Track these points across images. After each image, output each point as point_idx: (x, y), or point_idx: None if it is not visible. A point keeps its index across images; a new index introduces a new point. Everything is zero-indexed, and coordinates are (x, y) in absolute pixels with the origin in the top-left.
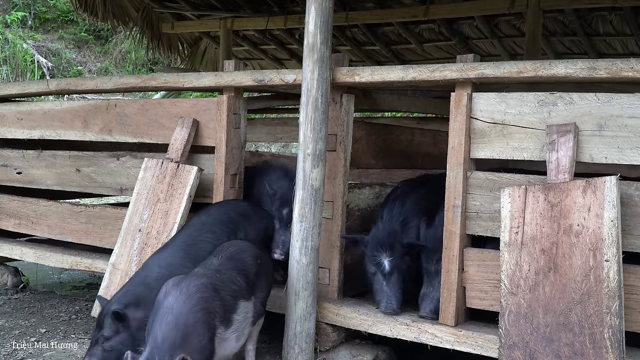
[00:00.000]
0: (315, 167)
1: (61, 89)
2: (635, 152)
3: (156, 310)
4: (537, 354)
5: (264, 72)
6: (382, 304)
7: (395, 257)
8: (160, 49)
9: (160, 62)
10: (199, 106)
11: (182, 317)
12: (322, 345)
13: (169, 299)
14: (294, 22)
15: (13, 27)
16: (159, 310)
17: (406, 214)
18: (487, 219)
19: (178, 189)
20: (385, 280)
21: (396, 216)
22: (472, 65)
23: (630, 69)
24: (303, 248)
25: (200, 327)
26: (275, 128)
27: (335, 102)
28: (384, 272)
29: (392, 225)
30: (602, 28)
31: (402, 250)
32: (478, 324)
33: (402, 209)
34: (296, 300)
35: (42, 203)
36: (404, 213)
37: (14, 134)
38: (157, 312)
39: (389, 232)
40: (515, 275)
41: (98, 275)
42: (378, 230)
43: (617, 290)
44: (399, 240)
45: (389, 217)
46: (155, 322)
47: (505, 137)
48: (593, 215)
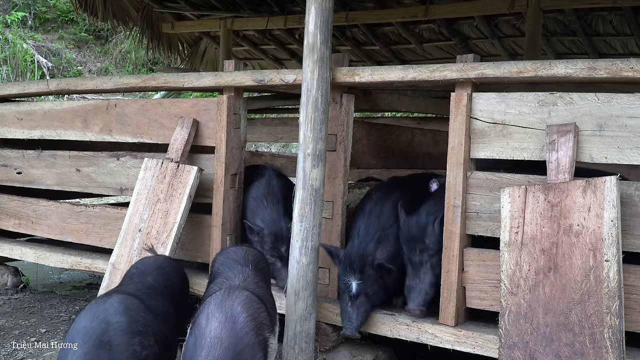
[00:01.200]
0: (315, 167)
1: (61, 89)
2: (635, 152)
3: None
4: (537, 354)
5: (264, 72)
6: (343, 324)
7: (365, 280)
8: (160, 49)
9: (160, 62)
10: (199, 106)
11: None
12: (322, 345)
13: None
14: (294, 22)
15: (13, 27)
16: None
17: (383, 226)
18: (487, 219)
19: (178, 189)
20: (350, 301)
21: (372, 233)
22: (472, 65)
23: (630, 69)
24: (303, 248)
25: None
26: (275, 128)
27: (335, 102)
28: (351, 294)
29: (366, 246)
30: (602, 28)
31: (374, 274)
32: (478, 324)
33: (378, 222)
34: (296, 300)
35: (42, 203)
36: (380, 228)
37: (14, 134)
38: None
39: (361, 254)
40: (515, 275)
41: (98, 275)
42: (352, 250)
43: (617, 290)
44: (371, 263)
45: (364, 234)
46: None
47: (505, 137)
48: (593, 215)
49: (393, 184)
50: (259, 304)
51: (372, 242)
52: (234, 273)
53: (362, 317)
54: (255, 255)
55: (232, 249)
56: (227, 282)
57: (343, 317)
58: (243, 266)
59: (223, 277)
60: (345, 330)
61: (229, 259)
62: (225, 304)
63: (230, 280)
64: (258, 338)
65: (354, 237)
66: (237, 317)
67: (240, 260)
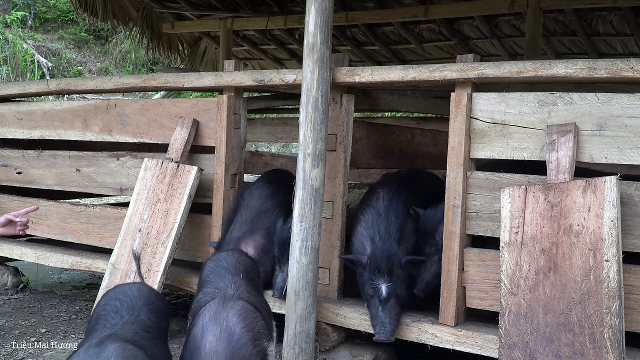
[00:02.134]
0: (315, 167)
1: (61, 89)
2: (635, 152)
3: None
4: (537, 354)
5: (264, 72)
6: (375, 330)
7: (394, 282)
8: (160, 49)
9: (160, 62)
10: (199, 106)
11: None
12: (322, 345)
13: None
14: (294, 22)
15: (13, 27)
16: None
17: (402, 224)
18: (487, 219)
19: (178, 189)
20: (381, 305)
21: (394, 233)
22: (472, 65)
23: (630, 69)
24: (303, 248)
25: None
26: (275, 128)
27: (335, 102)
28: (381, 298)
29: (391, 246)
30: (602, 28)
31: (402, 273)
32: (478, 324)
33: (397, 221)
34: (296, 300)
35: (42, 203)
36: (400, 226)
37: (14, 134)
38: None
39: (387, 255)
40: (515, 275)
41: (98, 275)
42: (376, 251)
43: (617, 290)
44: (398, 262)
45: (386, 234)
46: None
47: (505, 137)
48: (593, 215)
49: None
50: (255, 313)
51: (394, 242)
52: (225, 283)
53: (395, 321)
54: (246, 264)
55: (222, 256)
56: (219, 292)
57: (375, 323)
58: (234, 275)
59: (213, 286)
60: (379, 335)
61: (220, 267)
62: (220, 315)
63: (222, 291)
64: (256, 349)
65: (374, 238)
66: (233, 329)
67: (230, 268)
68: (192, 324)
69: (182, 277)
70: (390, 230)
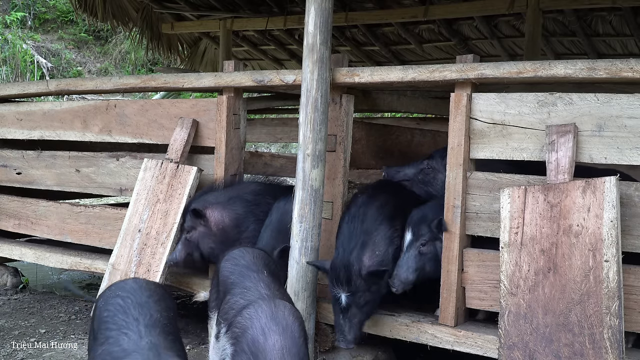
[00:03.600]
0: (315, 168)
1: (61, 89)
2: (634, 153)
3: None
4: (536, 354)
5: (263, 73)
6: (337, 337)
7: (354, 291)
8: (160, 50)
9: (160, 63)
10: (199, 107)
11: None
12: (321, 345)
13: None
14: (294, 23)
15: (13, 28)
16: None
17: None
18: (486, 220)
19: (178, 190)
20: (342, 313)
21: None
22: (472, 65)
23: (629, 70)
24: (303, 248)
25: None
26: (275, 128)
27: (334, 102)
28: (341, 307)
29: (350, 255)
30: (602, 28)
31: (363, 284)
32: (477, 324)
33: (362, 229)
34: (296, 301)
35: (41, 203)
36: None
37: (13, 134)
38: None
39: (345, 265)
40: (514, 275)
41: (98, 276)
42: (336, 261)
43: (617, 291)
44: (358, 272)
45: (348, 243)
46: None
47: (504, 137)
48: (592, 215)
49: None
50: (297, 311)
51: (357, 250)
52: (252, 281)
53: (356, 329)
54: (264, 258)
55: (237, 254)
56: (249, 292)
57: (336, 330)
58: (258, 272)
59: (240, 287)
60: (339, 343)
61: (239, 265)
62: (278, 315)
63: (254, 290)
64: (306, 342)
65: (339, 246)
66: (291, 327)
67: (252, 266)
68: (240, 327)
69: (182, 277)
70: (353, 239)
